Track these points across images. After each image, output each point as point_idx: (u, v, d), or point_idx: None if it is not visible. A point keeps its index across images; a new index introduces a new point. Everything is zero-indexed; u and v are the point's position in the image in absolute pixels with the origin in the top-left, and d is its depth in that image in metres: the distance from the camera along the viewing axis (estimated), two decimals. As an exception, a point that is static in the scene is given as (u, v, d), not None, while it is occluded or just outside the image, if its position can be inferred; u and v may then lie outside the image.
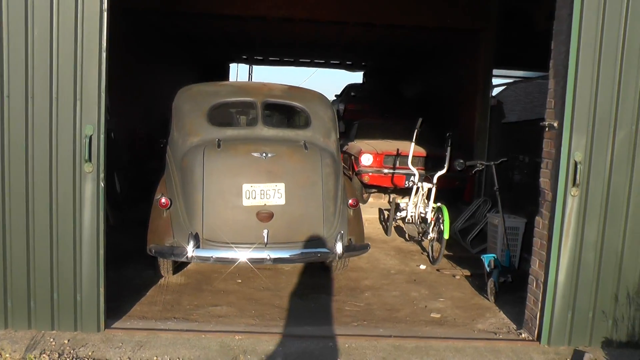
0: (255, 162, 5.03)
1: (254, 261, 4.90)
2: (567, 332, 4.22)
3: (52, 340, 4.03)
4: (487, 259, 5.53)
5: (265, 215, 4.94)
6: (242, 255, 4.78)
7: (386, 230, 8.38)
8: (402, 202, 8.29)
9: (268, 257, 4.80)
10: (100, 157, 3.96)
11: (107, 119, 4.02)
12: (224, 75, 15.64)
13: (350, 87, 14.79)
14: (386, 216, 9.00)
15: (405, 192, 9.16)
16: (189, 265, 6.05)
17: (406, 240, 7.97)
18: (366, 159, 9.44)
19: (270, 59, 15.19)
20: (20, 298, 4.05)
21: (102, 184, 3.99)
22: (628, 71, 4.05)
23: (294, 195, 5.05)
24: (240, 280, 5.74)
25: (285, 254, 4.89)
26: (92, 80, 3.90)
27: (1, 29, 3.81)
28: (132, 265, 5.88)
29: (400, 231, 8.37)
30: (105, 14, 3.87)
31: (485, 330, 4.68)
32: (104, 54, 3.90)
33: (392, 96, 14.07)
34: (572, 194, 4.11)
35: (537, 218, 4.45)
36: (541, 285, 4.30)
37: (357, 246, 5.30)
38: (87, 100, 3.91)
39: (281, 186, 5.01)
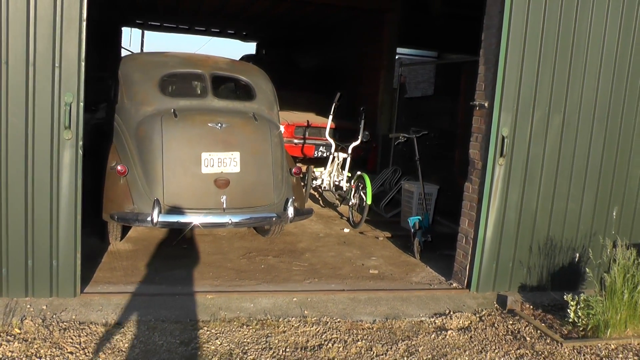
0: (211, 132, 5.25)
1: (216, 225, 5.17)
2: (492, 280, 5.04)
3: (28, 306, 4.06)
4: (413, 220, 6.22)
5: (222, 182, 5.20)
6: (205, 219, 5.02)
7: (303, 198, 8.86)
8: (317, 171, 8.81)
9: (230, 222, 5.08)
10: (79, 124, 4.01)
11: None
12: (117, 39, 14.98)
13: (247, 59, 14.81)
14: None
15: (312, 161, 9.68)
16: (130, 233, 6.11)
17: (321, 206, 8.55)
18: None
19: (165, 25, 14.82)
20: (-7, 266, 4.02)
21: (80, 151, 4.04)
22: (545, 62, 4.85)
23: (247, 164, 5.35)
24: (185, 246, 5.94)
25: (243, 218, 5.21)
26: (72, 49, 3.92)
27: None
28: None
29: (313, 198, 8.91)
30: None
31: (420, 282, 5.38)
32: (83, 23, 3.93)
33: (291, 68, 14.40)
34: (499, 163, 4.87)
35: (467, 184, 5.18)
36: (471, 241, 5.06)
37: (304, 210, 5.75)
38: (67, 69, 3.93)
39: (236, 155, 5.29)
